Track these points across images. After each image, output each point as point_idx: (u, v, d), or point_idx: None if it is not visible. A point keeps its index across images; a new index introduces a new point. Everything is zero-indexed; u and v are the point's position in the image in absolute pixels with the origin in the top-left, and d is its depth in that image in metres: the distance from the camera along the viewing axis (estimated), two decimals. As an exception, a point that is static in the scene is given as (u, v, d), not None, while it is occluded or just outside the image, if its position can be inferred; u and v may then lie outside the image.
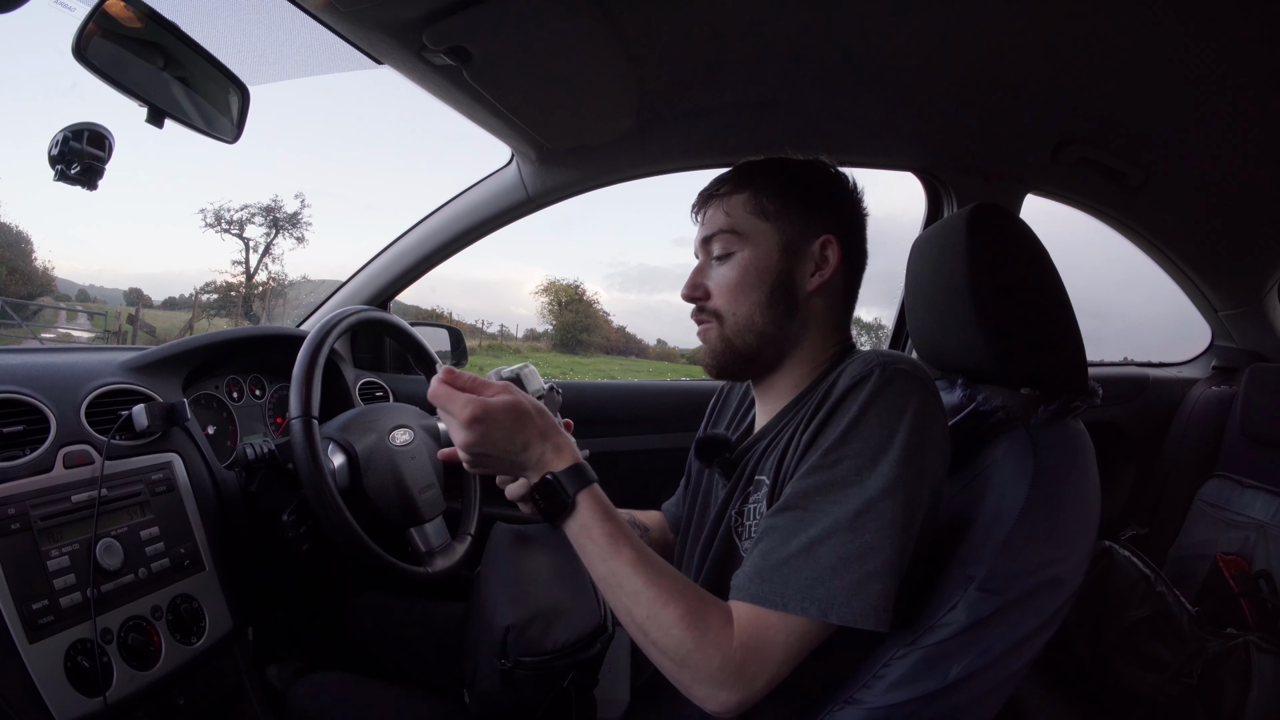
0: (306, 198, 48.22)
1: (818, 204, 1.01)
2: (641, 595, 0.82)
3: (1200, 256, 2.24)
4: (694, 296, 1.05)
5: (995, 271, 1.00)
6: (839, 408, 0.86)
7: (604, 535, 0.86)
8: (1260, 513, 1.97)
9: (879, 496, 0.79)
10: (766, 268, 0.99)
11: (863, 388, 0.85)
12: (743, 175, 1.04)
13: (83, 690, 0.97)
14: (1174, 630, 1.64)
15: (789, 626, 0.78)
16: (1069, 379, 1.00)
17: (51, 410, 1.11)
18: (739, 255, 1.01)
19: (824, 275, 1.00)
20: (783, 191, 1.01)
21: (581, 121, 1.57)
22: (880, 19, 1.30)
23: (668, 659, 0.81)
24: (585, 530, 0.87)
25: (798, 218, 1.00)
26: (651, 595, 0.81)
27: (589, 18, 1.19)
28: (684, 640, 0.79)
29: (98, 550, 1.04)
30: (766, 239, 1.00)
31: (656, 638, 0.81)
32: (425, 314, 10.80)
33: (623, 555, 0.84)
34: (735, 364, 1.03)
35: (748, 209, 1.01)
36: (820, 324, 1.02)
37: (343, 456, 1.28)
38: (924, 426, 0.83)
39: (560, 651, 1.01)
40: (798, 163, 1.06)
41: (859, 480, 0.80)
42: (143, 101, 1.08)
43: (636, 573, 0.83)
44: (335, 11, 1.10)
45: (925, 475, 0.83)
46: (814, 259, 1.00)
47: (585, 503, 0.87)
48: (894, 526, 0.79)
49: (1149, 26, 1.26)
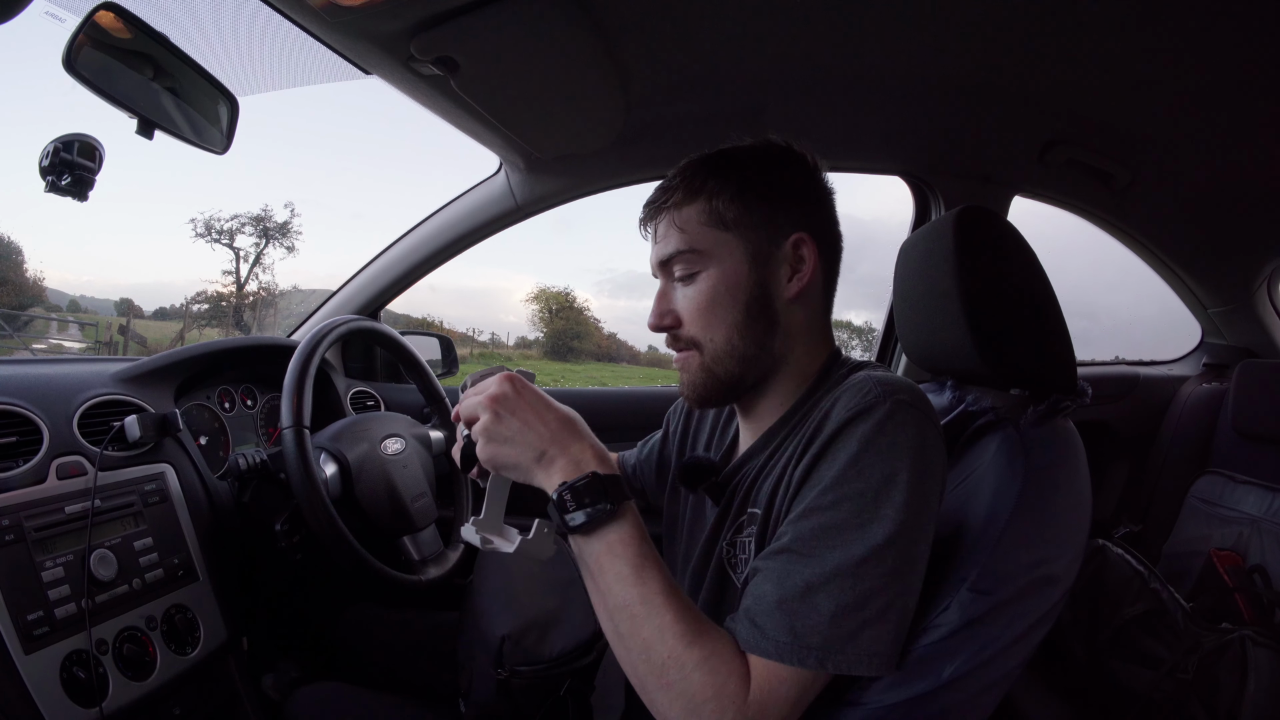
0: (296, 207, 48.17)
1: (780, 200, 0.91)
2: (668, 631, 0.73)
3: (1189, 255, 2.26)
4: (663, 326, 0.95)
5: (983, 273, 1.00)
6: (835, 441, 0.79)
7: (639, 557, 0.77)
8: (1253, 508, 1.98)
9: (883, 543, 0.73)
10: (738, 284, 0.90)
11: (862, 421, 0.78)
12: (692, 180, 0.93)
13: (79, 701, 0.97)
14: (1169, 626, 1.65)
15: (795, 677, 0.72)
16: (1059, 379, 1.00)
17: (44, 421, 1.11)
18: (704, 274, 0.91)
19: (803, 279, 0.91)
20: (740, 194, 0.90)
21: (569, 130, 1.58)
22: (865, 25, 1.31)
23: (679, 705, 0.72)
24: (619, 547, 0.77)
25: (761, 220, 0.90)
26: (679, 631, 0.73)
27: (576, 27, 1.20)
28: (704, 687, 0.71)
29: (92, 561, 1.04)
30: (732, 252, 0.90)
31: (675, 679, 0.72)
32: (416, 323, 10.79)
33: (652, 584, 0.75)
34: (719, 393, 0.94)
35: (703, 220, 0.91)
36: (804, 334, 0.94)
37: (335, 466, 1.28)
38: (928, 462, 0.78)
39: (557, 660, 1.01)
40: (748, 153, 0.95)
41: (860, 524, 0.74)
42: (132, 112, 1.08)
43: (668, 605, 0.74)
44: (323, 22, 1.10)
45: (928, 511, 0.78)
46: (788, 262, 0.91)
47: (627, 516, 0.78)
48: (897, 571, 0.74)
49: (1134, 28, 1.27)
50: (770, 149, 0.95)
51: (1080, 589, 1.81)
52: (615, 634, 0.77)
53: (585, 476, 0.77)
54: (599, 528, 0.77)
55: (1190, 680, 1.57)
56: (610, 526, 0.77)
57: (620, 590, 0.76)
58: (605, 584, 0.77)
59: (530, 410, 0.82)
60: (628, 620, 0.75)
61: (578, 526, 0.76)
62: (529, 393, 0.83)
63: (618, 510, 0.77)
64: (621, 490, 0.78)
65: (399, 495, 1.33)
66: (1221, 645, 1.57)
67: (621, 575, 0.76)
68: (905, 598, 0.76)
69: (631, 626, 0.75)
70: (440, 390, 1.60)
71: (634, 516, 0.79)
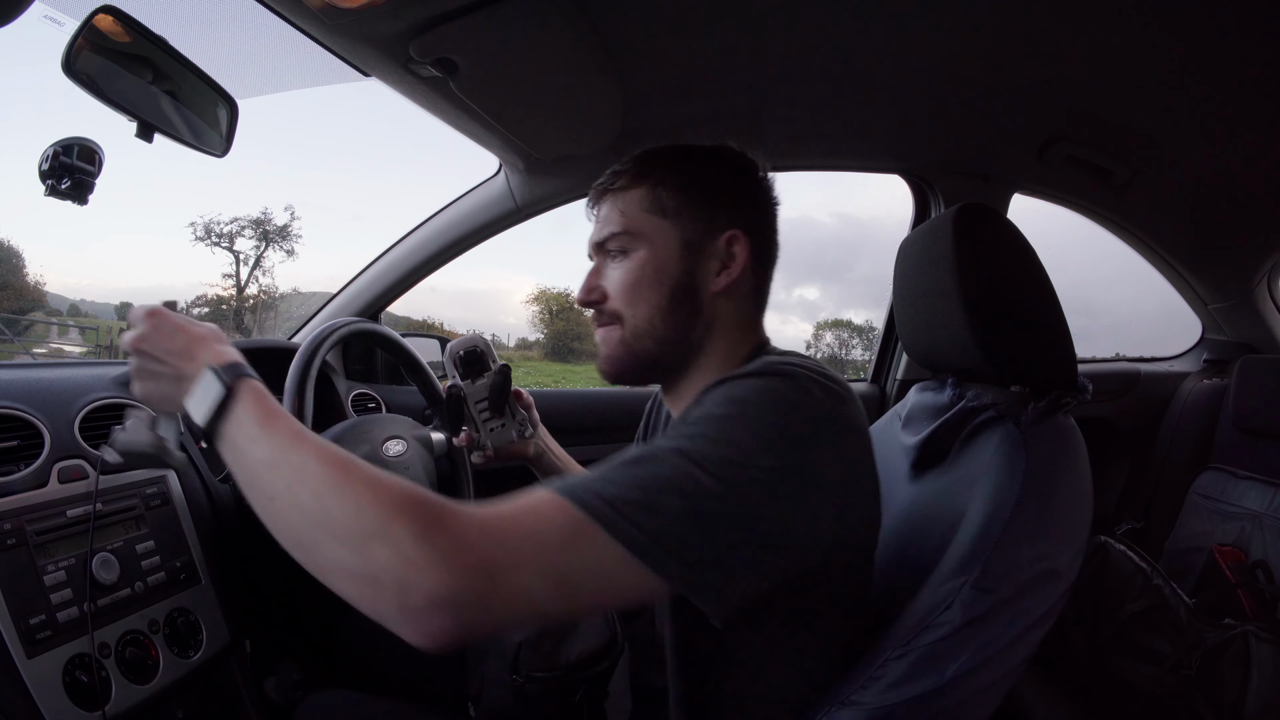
0: (296, 210, 48.17)
1: (722, 197, 0.94)
2: (313, 463, 0.66)
3: (1189, 251, 2.26)
4: (589, 300, 0.97)
5: (983, 270, 1.00)
6: (713, 389, 0.77)
7: (284, 429, 0.71)
8: (1255, 503, 1.98)
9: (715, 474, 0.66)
10: (666, 268, 0.92)
11: (734, 380, 0.76)
12: (640, 167, 0.96)
13: (82, 705, 0.96)
14: (1172, 622, 1.65)
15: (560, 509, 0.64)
16: (1059, 376, 1.00)
17: (45, 425, 1.11)
18: (636, 254, 0.93)
19: (731, 274, 0.93)
20: (684, 185, 0.93)
21: (568, 131, 1.58)
22: (864, 24, 1.31)
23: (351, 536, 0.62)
24: (254, 423, 0.71)
25: (700, 213, 0.93)
26: (331, 458, 0.67)
27: (575, 29, 1.20)
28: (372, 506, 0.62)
29: (94, 565, 1.04)
30: (666, 238, 0.93)
31: (333, 511, 0.63)
32: (417, 325, 10.80)
33: (308, 446, 0.69)
34: (632, 369, 0.96)
35: (644, 206, 0.94)
36: (728, 326, 0.95)
37: (337, 467, 1.28)
38: (810, 430, 0.73)
39: (575, 666, 1.01)
40: (701, 150, 0.98)
41: (694, 447, 0.68)
42: (132, 116, 1.08)
43: (324, 457, 0.67)
44: (322, 24, 1.10)
45: (793, 475, 0.70)
46: (719, 257, 0.93)
47: (248, 392, 0.74)
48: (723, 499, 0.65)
49: (1133, 24, 1.27)
50: (723, 150, 0.98)
51: (1082, 586, 1.81)
52: (268, 512, 0.69)
53: (204, 373, 0.76)
54: (224, 418, 0.73)
55: (1193, 676, 1.57)
56: (236, 406, 0.73)
57: (281, 456, 0.69)
58: (258, 468, 0.70)
59: (167, 338, 0.81)
60: (268, 470, 0.69)
61: (207, 419, 0.74)
62: (166, 323, 0.82)
63: (235, 388, 0.74)
64: (242, 369, 0.77)
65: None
66: (1224, 641, 1.57)
67: (272, 448, 0.70)
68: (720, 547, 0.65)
69: (271, 475, 0.69)
70: (441, 392, 1.60)
71: (259, 391, 0.75)
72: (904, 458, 1.15)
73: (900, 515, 1.09)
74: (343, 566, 0.63)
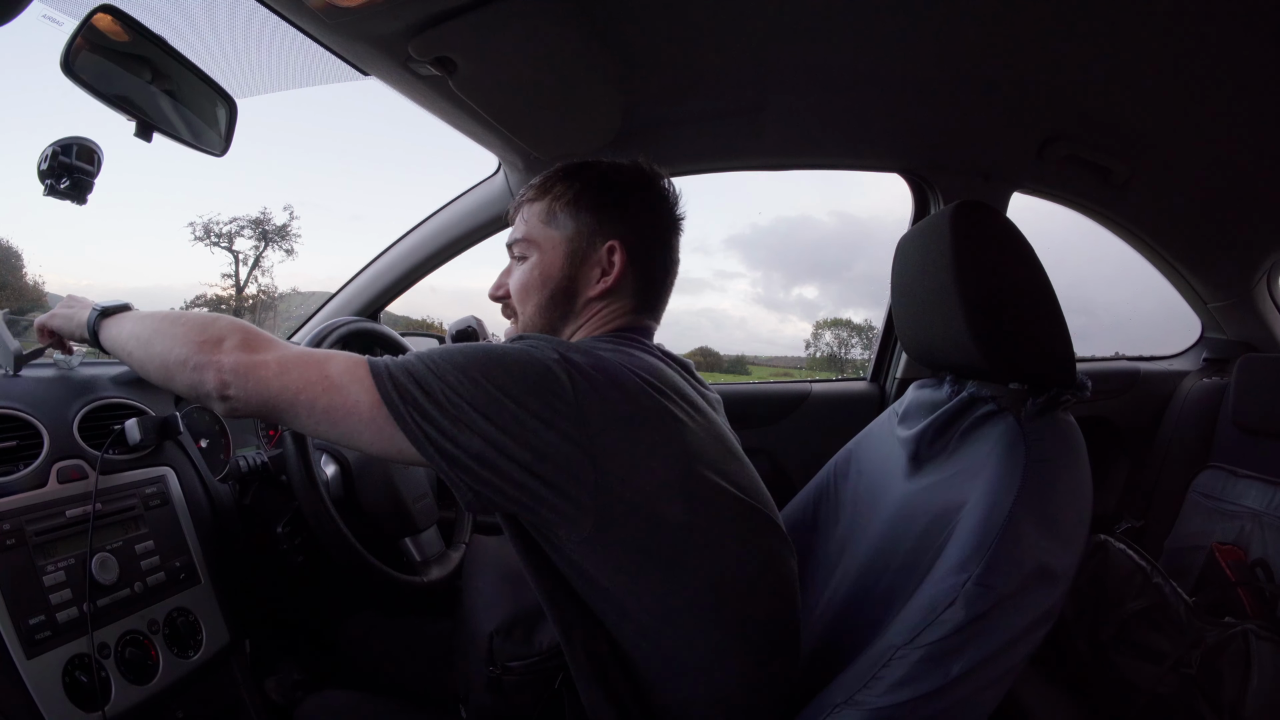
0: (295, 210, 48.10)
1: (606, 210, 1.04)
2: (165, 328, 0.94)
3: (1188, 250, 2.26)
4: (497, 296, 1.12)
5: (981, 268, 1.00)
6: None
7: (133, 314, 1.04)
8: (1255, 502, 1.97)
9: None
10: (550, 274, 1.04)
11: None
12: (545, 182, 1.08)
13: (81, 705, 0.96)
14: (1172, 621, 1.65)
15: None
16: (1058, 373, 1.00)
17: (44, 425, 1.11)
18: (531, 260, 1.06)
19: (607, 281, 1.03)
20: (575, 199, 1.04)
21: (568, 130, 1.58)
22: (863, 23, 1.31)
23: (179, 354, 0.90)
24: (122, 318, 1.04)
25: (585, 225, 1.04)
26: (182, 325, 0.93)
27: (574, 27, 1.20)
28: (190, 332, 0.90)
29: (93, 565, 1.04)
30: (555, 246, 1.05)
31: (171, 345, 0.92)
32: (416, 324, 10.75)
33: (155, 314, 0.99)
34: None
35: (541, 217, 1.06)
36: (600, 325, 1.05)
37: (336, 467, 1.28)
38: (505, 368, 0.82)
39: (547, 653, 1.01)
40: (601, 167, 1.08)
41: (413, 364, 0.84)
42: (131, 115, 1.08)
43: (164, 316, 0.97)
44: (321, 23, 1.10)
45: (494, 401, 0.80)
46: (600, 264, 1.03)
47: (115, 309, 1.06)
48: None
49: (1133, 23, 1.27)
50: (621, 167, 1.09)
51: (1082, 584, 1.81)
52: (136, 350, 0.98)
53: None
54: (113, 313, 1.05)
55: (1193, 674, 1.57)
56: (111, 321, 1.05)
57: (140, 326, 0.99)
58: (133, 339, 0.99)
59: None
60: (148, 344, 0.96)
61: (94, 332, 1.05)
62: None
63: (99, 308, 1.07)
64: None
65: (400, 496, 1.33)
66: (1224, 639, 1.57)
67: (136, 325, 1.00)
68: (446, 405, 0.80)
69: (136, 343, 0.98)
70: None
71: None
72: (902, 452, 1.15)
73: (898, 510, 1.09)
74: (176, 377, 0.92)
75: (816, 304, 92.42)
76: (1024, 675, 0.89)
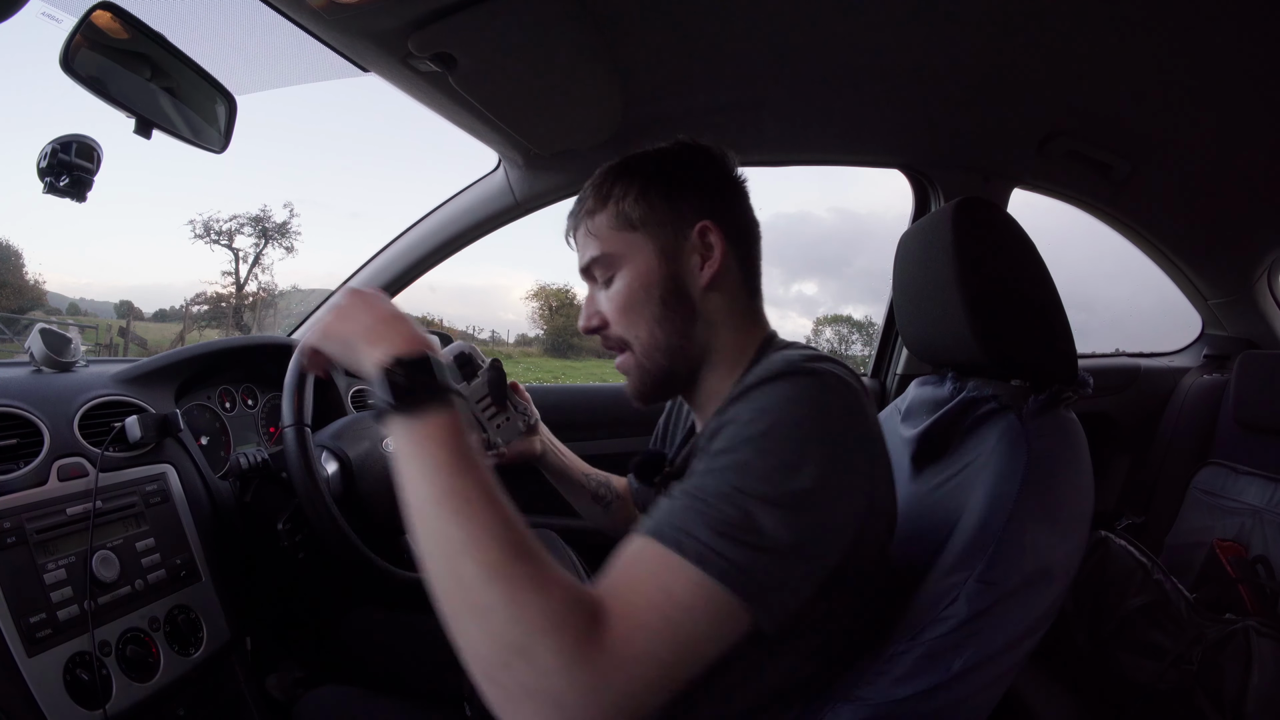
0: (294, 207, 48.19)
1: (682, 193, 0.94)
2: (490, 536, 0.64)
3: (1189, 246, 2.26)
4: (590, 327, 0.99)
5: (982, 264, 1.00)
6: (739, 401, 0.76)
7: (463, 448, 0.69)
8: (1255, 498, 1.98)
9: (797, 492, 0.67)
10: (650, 280, 0.93)
11: (767, 385, 0.75)
12: (599, 190, 0.97)
13: (82, 703, 0.96)
14: (1172, 617, 1.65)
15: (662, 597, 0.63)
16: (1059, 370, 1.00)
17: (45, 423, 1.11)
18: (620, 275, 0.94)
19: (713, 265, 0.92)
20: (642, 194, 0.94)
21: (568, 126, 1.58)
22: (864, 19, 1.31)
23: (498, 638, 0.60)
24: (441, 433, 0.70)
25: (666, 216, 0.94)
26: (506, 539, 0.64)
27: (574, 22, 1.19)
28: (535, 612, 0.59)
29: (94, 562, 1.04)
30: (642, 250, 0.93)
31: (493, 599, 0.61)
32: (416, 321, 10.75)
33: (474, 477, 0.67)
34: (656, 388, 0.97)
35: (613, 225, 0.95)
36: (727, 319, 0.95)
37: (336, 464, 1.28)
38: (832, 427, 0.73)
39: None
40: (652, 154, 0.99)
41: (750, 464, 0.68)
42: (130, 112, 1.08)
43: (490, 507, 0.66)
44: (321, 20, 1.10)
45: (846, 482, 0.72)
46: (697, 251, 0.93)
47: (455, 407, 0.73)
48: (788, 523, 0.66)
49: (1134, 19, 1.27)
50: (674, 148, 0.99)
51: (1083, 581, 1.81)
52: (426, 552, 0.67)
53: (419, 355, 0.74)
54: (425, 406, 0.71)
55: (1194, 671, 1.57)
56: (437, 409, 0.71)
57: (440, 480, 0.67)
58: (420, 469, 0.68)
59: (365, 301, 0.84)
60: (438, 519, 0.66)
61: (403, 400, 0.71)
62: (369, 294, 0.86)
63: (447, 394, 0.73)
64: (449, 382, 0.75)
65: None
66: (1225, 636, 1.57)
67: (441, 463, 0.68)
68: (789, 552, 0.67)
69: (442, 526, 0.65)
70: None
71: (459, 415, 0.73)
72: (904, 451, 1.15)
73: (900, 510, 1.09)
74: (482, 658, 0.62)
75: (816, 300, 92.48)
76: (1025, 671, 0.89)
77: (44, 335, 1.26)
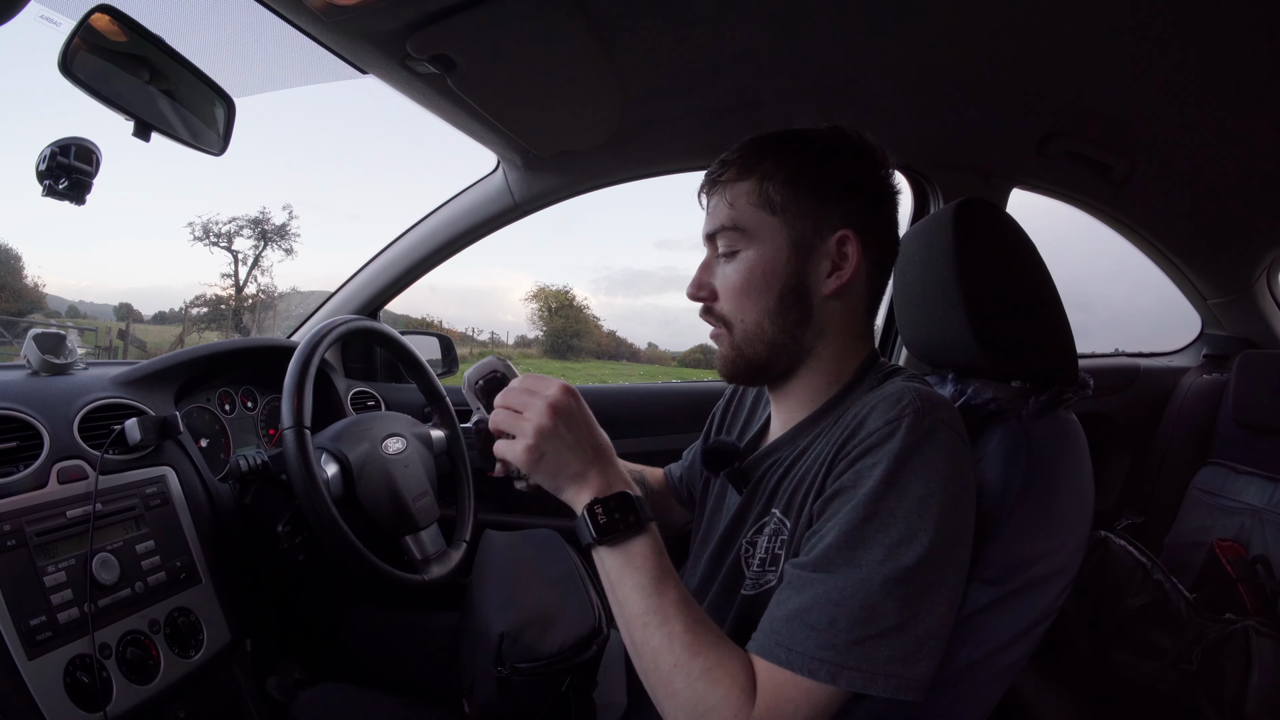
0: (293, 209, 48.28)
1: (833, 193, 0.89)
2: (676, 640, 0.75)
3: (1188, 246, 2.26)
4: (699, 296, 0.96)
5: (983, 265, 1.00)
6: (869, 455, 0.78)
7: (658, 570, 0.79)
8: (1255, 498, 1.98)
9: (913, 566, 0.72)
10: (775, 270, 0.89)
11: (898, 437, 0.76)
12: (748, 159, 0.92)
13: (83, 706, 0.96)
14: (1172, 617, 1.65)
15: (805, 691, 0.71)
16: (1060, 371, 1.00)
17: (44, 426, 1.11)
18: (744, 254, 0.90)
19: (842, 277, 0.89)
20: (791, 179, 0.89)
21: (567, 127, 1.58)
22: (862, 19, 1.31)
23: (683, 713, 0.74)
24: (639, 560, 0.79)
25: (809, 210, 0.89)
26: (687, 641, 0.75)
27: (572, 24, 1.19)
28: (706, 695, 0.72)
29: (94, 565, 1.04)
30: (774, 236, 0.89)
31: (679, 687, 0.74)
32: (415, 322, 10.81)
33: (667, 596, 0.78)
34: (747, 373, 0.95)
35: (752, 200, 0.90)
36: (840, 331, 0.93)
37: (336, 466, 1.28)
38: (962, 487, 0.78)
39: (557, 656, 1.01)
40: (813, 139, 0.93)
41: (890, 543, 0.73)
42: (129, 115, 1.08)
43: (679, 616, 0.77)
44: (319, 22, 1.10)
45: (962, 536, 0.78)
46: (830, 257, 0.89)
47: (648, 533, 0.81)
48: (925, 595, 0.72)
49: (1132, 20, 1.27)
50: (837, 138, 0.94)
51: (1083, 581, 1.81)
52: (631, 643, 0.79)
53: (616, 494, 0.81)
54: (623, 540, 0.80)
55: (1194, 671, 1.57)
56: (634, 541, 0.80)
57: (637, 600, 0.78)
58: (624, 594, 0.79)
59: (585, 428, 0.84)
60: (641, 629, 0.77)
61: (605, 539, 0.79)
62: (584, 411, 0.85)
63: (642, 527, 0.80)
64: (645, 511, 0.82)
65: (401, 495, 1.33)
66: (1225, 636, 1.57)
67: (639, 586, 0.78)
68: (932, 622, 0.73)
69: (644, 635, 0.77)
70: (441, 389, 1.59)
71: (655, 534, 0.82)
72: None
73: None
74: (661, 701, 0.77)
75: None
76: (1025, 671, 0.89)
77: (38, 340, 1.26)
